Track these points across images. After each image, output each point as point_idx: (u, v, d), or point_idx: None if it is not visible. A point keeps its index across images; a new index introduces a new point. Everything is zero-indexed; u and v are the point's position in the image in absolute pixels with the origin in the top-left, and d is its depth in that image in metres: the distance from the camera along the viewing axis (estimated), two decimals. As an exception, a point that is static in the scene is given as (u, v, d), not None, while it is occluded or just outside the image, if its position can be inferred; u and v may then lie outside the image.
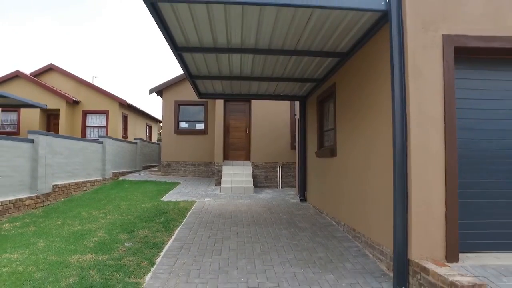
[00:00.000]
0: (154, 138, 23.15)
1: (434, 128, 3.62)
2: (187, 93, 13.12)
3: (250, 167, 11.32)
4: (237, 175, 10.73)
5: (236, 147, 11.97)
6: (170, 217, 6.58)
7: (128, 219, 6.47)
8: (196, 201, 8.31)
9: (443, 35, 3.67)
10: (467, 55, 3.82)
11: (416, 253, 3.53)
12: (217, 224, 6.20)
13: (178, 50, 5.18)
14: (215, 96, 8.89)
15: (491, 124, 3.96)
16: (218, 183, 10.98)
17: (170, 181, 11.68)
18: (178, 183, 11.22)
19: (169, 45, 4.95)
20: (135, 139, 15.11)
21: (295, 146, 10.98)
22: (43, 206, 7.54)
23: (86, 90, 16.19)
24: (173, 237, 5.38)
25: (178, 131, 13.20)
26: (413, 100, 3.62)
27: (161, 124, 25.57)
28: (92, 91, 16.15)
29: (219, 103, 11.53)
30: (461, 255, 3.67)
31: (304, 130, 9.02)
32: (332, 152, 6.33)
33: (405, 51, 3.68)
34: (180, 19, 4.23)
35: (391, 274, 3.86)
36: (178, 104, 13.26)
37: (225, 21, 4.26)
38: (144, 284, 3.68)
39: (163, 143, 13.34)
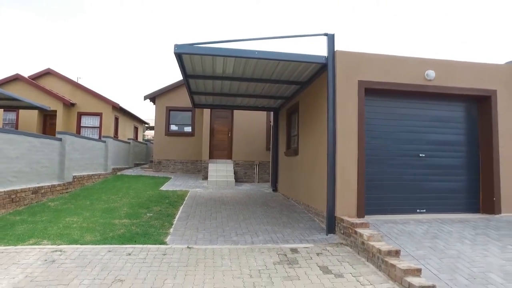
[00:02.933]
0: (140, 139, 24.78)
1: (352, 138, 5.95)
2: (177, 99, 15.18)
3: (232, 165, 13.48)
4: (221, 171, 12.86)
5: (220, 148, 14.10)
6: (173, 200, 8.65)
7: (140, 201, 8.47)
8: (189, 190, 10.38)
9: (358, 80, 6.02)
10: (373, 92, 6.19)
11: (339, 212, 5.83)
12: (210, 204, 8.33)
13: (187, 76, 7.30)
14: (206, 106, 10.99)
15: (390, 134, 6.37)
16: (205, 177, 13.06)
17: (162, 176, 13.64)
18: (170, 178, 13.19)
19: (181, 73, 7.04)
20: (128, 139, 16.90)
21: (270, 147, 13.24)
22: (67, 192, 9.37)
23: (81, 93, 17.72)
24: (179, 211, 7.47)
25: (168, 133, 15.17)
26: (339, 120, 5.94)
27: (145, 125, 27.29)
28: (87, 95, 17.70)
29: (206, 110, 13.63)
30: (367, 216, 6.01)
31: (277, 134, 11.30)
32: (296, 152, 8.63)
33: (336, 89, 5.99)
34: (192, 61, 6.36)
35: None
36: (169, 110, 15.24)
37: (223, 63, 6.44)
38: (170, 232, 5.79)
39: (155, 143, 15.25)
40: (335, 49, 6.02)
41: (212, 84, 8.04)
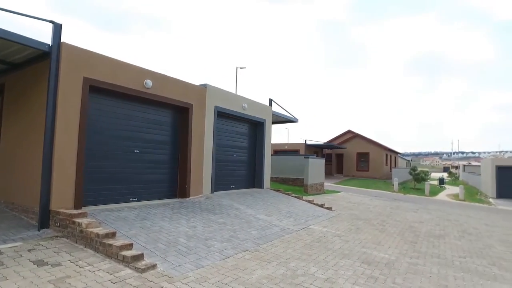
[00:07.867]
0: None
1: (73, 131, 6.04)
2: None
3: None
4: None
5: None
6: None
7: None
8: None
9: (83, 77, 6.19)
10: (99, 91, 6.56)
11: (55, 206, 5.75)
12: None
13: None
14: None
15: (112, 132, 6.94)
16: None
17: None
18: None
19: None
20: None
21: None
22: None
23: None
24: None
25: None
26: (60, 113, 5.86)
27: None
28: None
29: None
30: (86, 207, 6.25)
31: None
32: (-5, 142, 7.37)
33: (58, 82, 5.86)
34: None
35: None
36: None
37: None
38: None
39: None
40: (61, 40, 5.90)
41: None
